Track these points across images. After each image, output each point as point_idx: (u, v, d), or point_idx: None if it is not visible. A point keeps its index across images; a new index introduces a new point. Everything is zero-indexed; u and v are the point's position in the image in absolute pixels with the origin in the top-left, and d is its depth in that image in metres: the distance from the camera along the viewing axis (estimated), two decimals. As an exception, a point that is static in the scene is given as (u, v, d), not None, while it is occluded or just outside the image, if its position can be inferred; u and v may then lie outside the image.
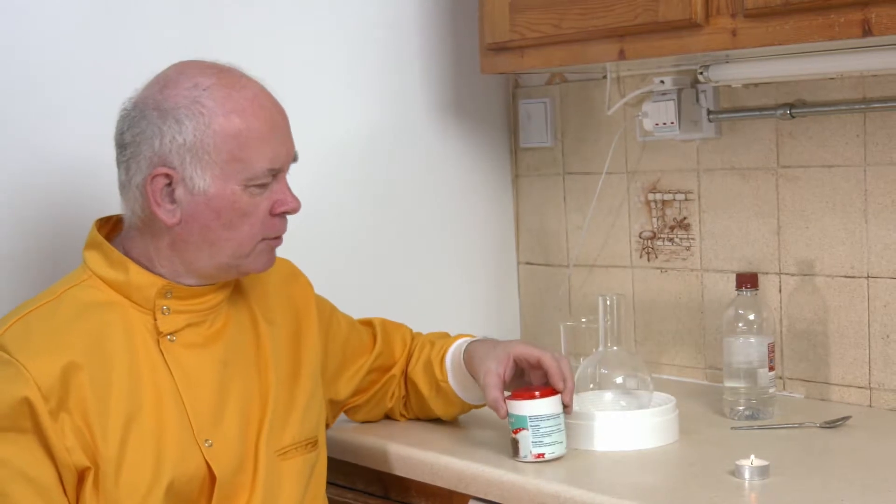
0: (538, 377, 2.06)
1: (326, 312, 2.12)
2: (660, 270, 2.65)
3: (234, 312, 1.92)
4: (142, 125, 1.78)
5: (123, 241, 1.85)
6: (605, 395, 2.15)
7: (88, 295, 1.80)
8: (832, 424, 2.16)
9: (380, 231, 2.71)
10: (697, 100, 2.49)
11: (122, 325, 1.79)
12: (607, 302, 2.15)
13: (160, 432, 1.77)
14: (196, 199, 1.78)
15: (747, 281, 2.24)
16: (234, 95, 1.79)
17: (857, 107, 2.26)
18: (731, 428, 2.18)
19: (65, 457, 1.70)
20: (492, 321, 2.90)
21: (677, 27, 2.13)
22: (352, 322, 2.20)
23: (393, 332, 2.24)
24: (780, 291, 2.43)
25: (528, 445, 1.99)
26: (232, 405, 1.86)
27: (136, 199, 1.80)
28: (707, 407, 2.33)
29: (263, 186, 1.82)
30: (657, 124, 2.51)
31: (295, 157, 1.88)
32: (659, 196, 2.63)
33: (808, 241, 2.38)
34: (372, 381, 2.22)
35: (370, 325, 2.23)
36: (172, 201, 1.79)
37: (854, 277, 2.32)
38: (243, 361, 1.91)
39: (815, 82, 2.33)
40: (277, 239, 1.88)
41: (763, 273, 2.44)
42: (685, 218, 2.59)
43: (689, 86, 2.49)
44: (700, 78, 2.42)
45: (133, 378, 1.77)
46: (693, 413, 2.27)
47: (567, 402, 2.01)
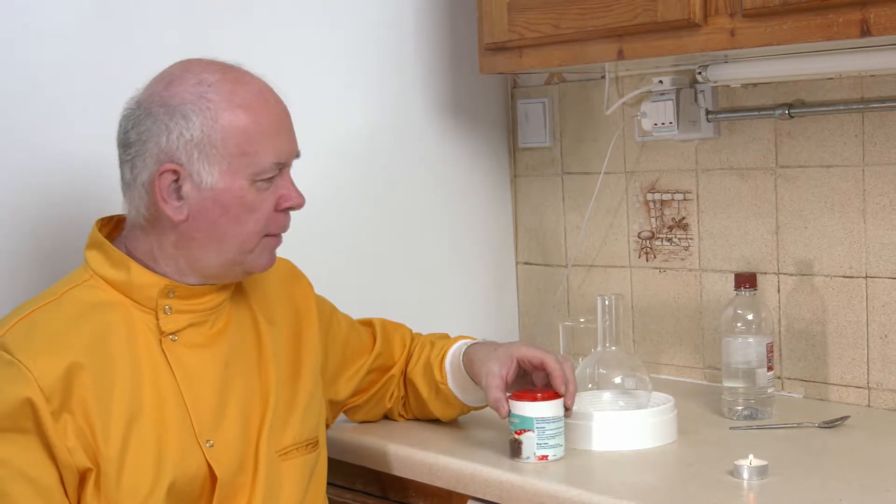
0: (540, 378, 2.06)
1: (326, 312, 2.12)
2: (658, 270, 2.65)
3: (236, 312, 1.92)
4: (147, 123, 1.78)
5: (126, 241, 1.85)
6: (604, 395, 2.15)
7: (90, 295, 1.80)
8: (831, 424, 2.16)
9: (378, 231, 2.71)
10: (696, 100, 2.49)
11: (124, 324, 1.79)
12: (606, 302, 2.15)
13: (162, 433, 1.77)
14: (203, 194, 1.78)
15: (746, 281, 2.24)
16: (239, 90, 1.79)
17: (855, 107, 2.26)
18: (730, 428, 2.18)
19: (66, 457, 1.70)
20: (490, 321, 2.90)
21: (676, 27, 2.13)
22: (352, 322, 2.20)
23: (393, 332, 2.24)
24: (779, 291, 2.43)
25: (533, 447, 1.98)
26: (233, 405, 1.86)
27: (141, 197, 1.80)
28: (705, 407, 2.33)
29: (270, 181, 1.82)
30: (656, 124, 2.51)
31: (297, 152, 1.88)
32: (657, 196, 2.63)
33: (807, 241, 2.38)
34: (371, 381, 2.21)
35: (370, 325, 2.23)
36: (179, 198, 1.78)
37: (852, 277, 2.32)
38: (245, 361, 1.91)
39: (814, 82, 2.33)
40: (278, 237, 1.88)
41: (762, 273, 2.44)
42: (684, 218, 2.59)
43: (687, 86, 2.49)
44: (699, 78, 2.42)
45: (135, 378, 1.77)
46: (691, 413, 2.27)
47: (568, 405, 2.01)
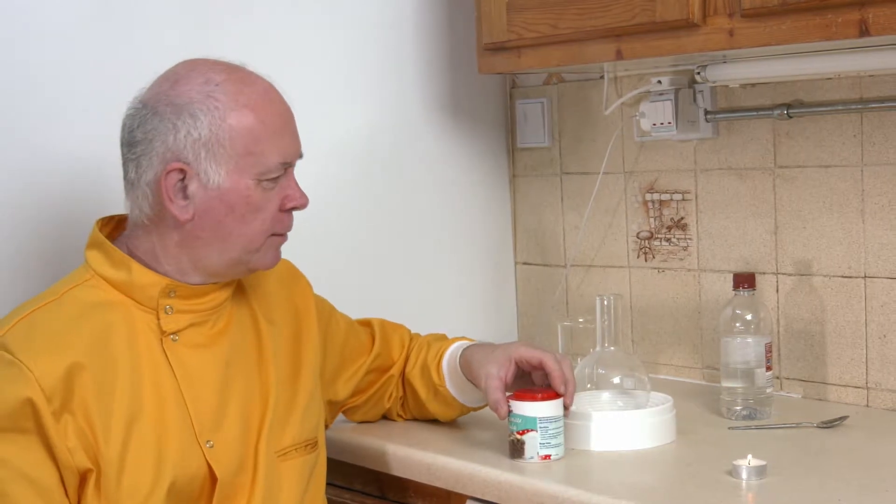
0: (539, 377, 2.07)
1: (325, 313, 2.12)
2: (657, 270, 2.65)
3: (237, 312, 1.92)
4: (154, 122, 1.78)
5: (127, 241, 1.85)
6: (603, 395, 2.15)
7: (91, 294, 1.80)
8: (829, 424, 2.16)
9: (377, 231, 2.71)
10: (695, 100, 2.49)
11: (125, 324, 1.79)
12: (604, 302, 2.15)
13: (162, 433, 1.77)
14: (210, 193, 1.78)
15: (744, 281, 2.24)
16: (245, 90, 1.80)
17: (854, 107, 2.26)
18: (729, 428, 2.18)
19: (66, 458, 1.70)
20: (489, 321, 2.90)
21: (674, 27, 2.13)
22: (350, 322, 2.20)
23: (391, 332, 2.24)
24: (778, 291, 2.43)
25: (536, 447, 1.98)
26: (233, 406, 1.86)
27: (146, 196, 1.80)
28: (704, 407, 2.33)
29: (275, 181, 1.82)
30: (654, 124, 2.51)
31: (301, 153, 1.88)
32: (656, 196, 2.63)
33: (806, 241, 2.38)
34: (370, 381, 2.21)
35: (369, 325, 2.23)
36: (185, 197, 1.78)
37: (851, 277, 2.32)
38: (245, 361, 1.90)
39: (813, 82, 2.33)
40: (284, 236, 1.88)
41: (760, 273, 2.44)
42: (682, 218, 2.59)
43: (686, 86, 2.49)
44: (697, 78, 2.42)
45: (135, 378, 1.77)
46: (690, 413, 2.27)
47: (568, 405, 2.01)
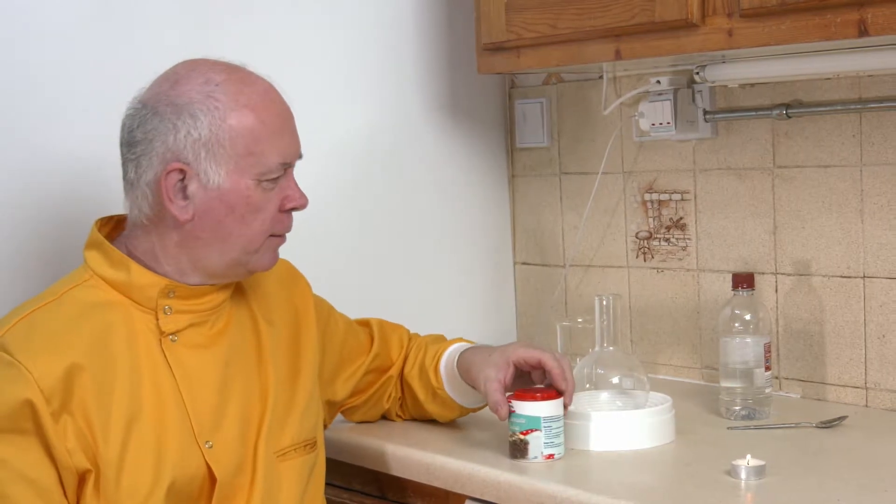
0: (538, 376, 2.07)
1: (324, 313, 2.12)
2: (656, 270, 2.65)
3: (236, 312, 1.92)
4: (154, 122, 1.78)
5: (126, 241, 1.85)
6: (602, 395, 2.15)
7: (90, 295, 1.80)
8: (828, 424, 2.16)
9: (377, 231, 2.71)
10: (694, 100, 2.49)
11: (125, 325, 1.79)
12: (603, 302, 2.15)
13: (161, 434, 1.77)
14: (209, 194, 1.78)
15: (743, 281, 2.24)
16: (245, 90, 1.80)
17: (853, 107, 2.26)
18: (728, 428, 2.18)
19: (65, 459, 1.70)
20: (489, 321, 2.90)
21: (673, 27, 2.13)
22: (349, 322, 2.20)
23: (390, 333, 2.24)
24: (777, 291, 2.43)
25: (541, 446, 1.98)
26: (232, 406, 1.86)
27: (145, 196, 1.80)
28: (703, 407, 2.33)
29: (274, 181, 1.82)
30: (653, 124, 2.51)
31: (300, 153, 1.88)
32: (655, 196, 2.64)
33: (805, 241, 2.38)
34: (369, 382, 2.21)
35: (367, 325, 2.23)
36: (185, 197, 1.78)
37: (850, 277, 2.32)
38: (244, 362, 1.90)
39: (812, 82, 2.33)
40: (283, 237, 1.88)
41: (759, 273, 2.44)
42: (681, 218, 2.59)
43: (685, 86, 2.50)
44: (696, 78, 2.42)
45: (135, 379, 1.77)
46: (689, 413, 2.27)
47: (567, 403, 2.01)
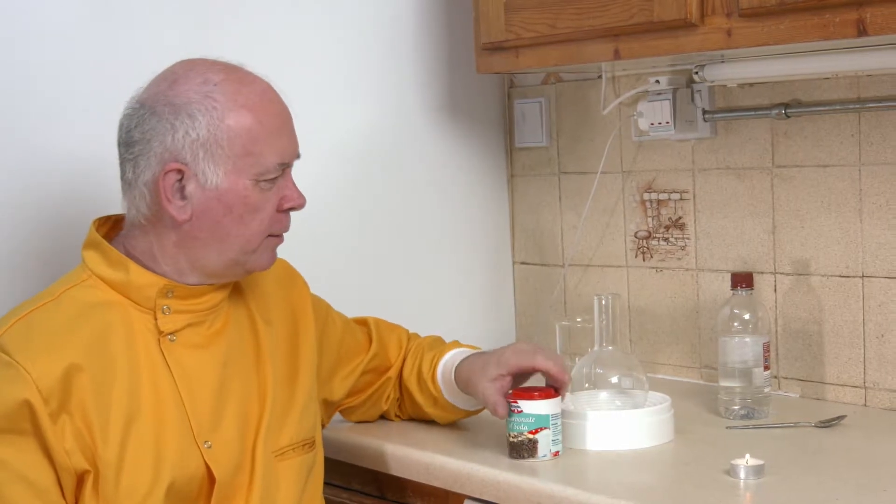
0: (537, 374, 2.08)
1: (322, 311, 2.12)
2: (655, 270, 2.65)
3: (234, 312, 1.92)
4: (152, 122, 1.77)
5: (124, 241, 1.85)
6: (601, 394, 2.15)
7: (88, 295, 1.80)
8: (827, 424, 2.16)
9: (376, 231, 2.71)
10: (693, 99, 2.49)
11: (123, 325, 1.79)
12: (602, 301, 2.15)
13: (160, 434, 1.77)
14: (207, 194, 1.78)
15: (742, 280, 2.24)
16: (243, 91, 1.79)
17: (851, 106, 2.26)
18: (727, 427, 2.18)
19: (64, 459, 1.70)
20: (488, 321, 2.90)
21: (672, 27, 2.13)
22: (347, 321, 2.19)
23: (389, 333, 2.24)
24: (776, 291, 2.43)
25: (549, 444, 1.99)
26: (231, 406, 1.86)
27: (143, 196, 1.80)
28: (702, 406, 2.33)
29: (272, 181, 1.82)
30: (652, 124, 2.51)
31: (298, 153, 1.88)
32: (654, 196, 2.64)
33: (804, 240, 2.39)
34: (368, 382, 2.21)
35: (365, 324, 2.23)
36: (183, 197, 1.78)
37: (849, 277, 2.32)
38: (243, 362, 1.90)
39: (811, 82, 2.33)
40: (280, 237, 1.88)
41: (758, 273, 2.44)
42: (680, 217, 2.59)
43: (684, 85, 2.50)
44: (695, 78, 2.42)
45: (133, 379, 1.77)
46: (688, 412, 2.27)
47: (563, 397, 2.02)
